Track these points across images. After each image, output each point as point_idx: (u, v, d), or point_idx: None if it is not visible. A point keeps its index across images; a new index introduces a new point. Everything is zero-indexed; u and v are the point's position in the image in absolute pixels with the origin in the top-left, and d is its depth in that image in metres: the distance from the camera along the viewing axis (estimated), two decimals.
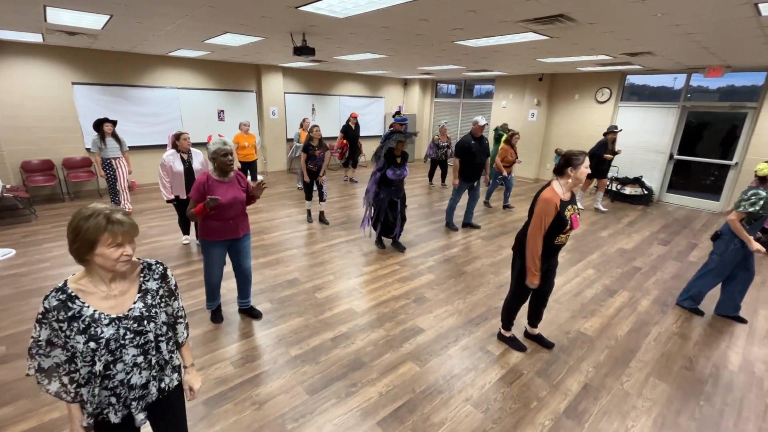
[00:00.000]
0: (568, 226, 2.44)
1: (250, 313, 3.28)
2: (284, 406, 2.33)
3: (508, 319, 2.94)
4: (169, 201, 4.26)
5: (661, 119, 7.51)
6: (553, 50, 5.26)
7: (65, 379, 1.20)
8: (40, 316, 1.15)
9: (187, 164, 4.20)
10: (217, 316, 3.19)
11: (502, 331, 3.02)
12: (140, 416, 1.29)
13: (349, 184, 8.47)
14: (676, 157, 7.49)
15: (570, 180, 2.43)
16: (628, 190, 7.52)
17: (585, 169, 2.39)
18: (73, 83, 6.64)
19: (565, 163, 2.42)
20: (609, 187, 7.70)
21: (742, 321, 3.41)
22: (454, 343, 2.99)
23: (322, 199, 5.66)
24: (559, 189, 2.46)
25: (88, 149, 6.77)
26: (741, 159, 6.69)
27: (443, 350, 2.91)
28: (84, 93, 6.77)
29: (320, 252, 4.69)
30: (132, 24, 4.36)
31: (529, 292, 2.76)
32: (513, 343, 2.96)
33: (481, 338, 3.07)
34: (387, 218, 4.66)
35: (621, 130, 6.70)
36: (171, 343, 1.39)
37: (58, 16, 4.01)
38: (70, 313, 1.15)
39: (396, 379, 2.58)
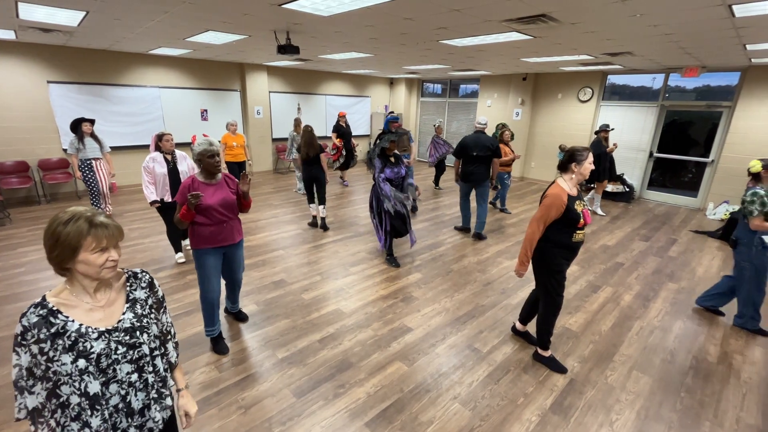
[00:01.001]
0: (582, 221, 2.42)
1: (236, 316, 3.22)
2: (271, 410, 2.29)
3: (547, 336, 2.73)
4: (152, 202, 4.10)
5: (641, 118, 7.69)
6: (536, 50, 5.33)
7: (52, 423, 1.06)
8: (19, 338, 1.02)
9: (171, 165, 4.08)
10: (219, 344, 2.81)
11: (540, 351, 2.79)
12: None
13: (340, 185, 8.39)
14: (655, 155, 7.68)
15: (574, 175, 2.43)
16: (610, 188, 7.67)
17: (589, 165, 2.39)
18: (49, 82, 6.43)
19: (569, 158, 2.42)
20: (592, 186, 7.77)
21: (720, 314, 3.49)
22: (441, 342, 3.00)
23: (322, 202, 5.40)
24: (565, 185, 2.45)
25: (65, 150, 6.56)
26: (717, 156, 6.90)
27: (431, 349, 2.91)
28: (60, 92, 6.56)
29: (307, 252, 4.65)
30: (109, 21, 4.24)
31: (561, 298, 2.63)
32: (552, 365, 2.73)
33: (468, 336, 3.09)
34: (394, 225, 4.33)
35: (613, 129, 6.68)
36: (165, 360, 1.28)
37: (32, 13, 3.87)
38: (53, 329, 1.03)
39: (384, 379, 2.57)
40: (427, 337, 3.05)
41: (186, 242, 4.58)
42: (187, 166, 4.11)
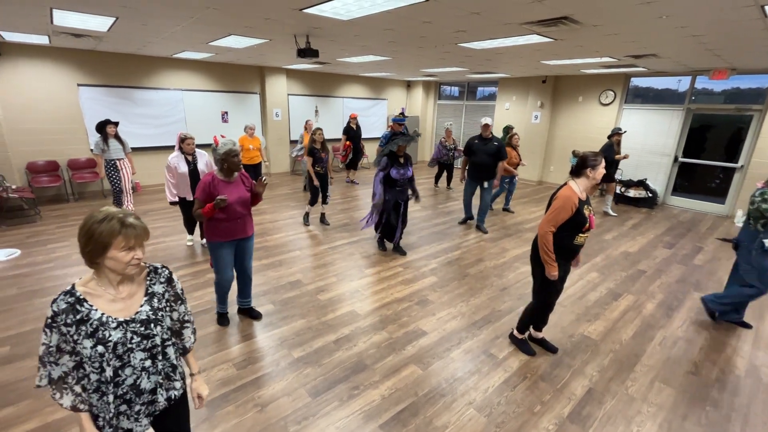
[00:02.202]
0: (587, 225, 2.45)
1: (249, 313, 3.28)
2: (287, 409, 2.32)
3: (526, 324, 2.94)
4: (172, 203, 4.27)
5: (666, 121, 7.47)
6: (557, 52, 5.25)
7: (77, 388, 1.20)
8: (49, 321, 1.14)
9: (192, 165, 4.22)
10: (224, 319, 3.18)
11: (515, 332, 3.00)
12: (144, 421, 1.28)
13: (350, 185, 8.47)
14: (680, 159, 7.44)
15: (588, 180, 2.46)
16: (632, 193, 7.48)
17: (602, 169, 2.43)
18: (79, 85, 6.69)
19: (582, 164, 2.45)
20: (603, 189, 7.61)
21: (747, 326, 3.37)
22: (457, 346, 2.98)
23: (324, 201, 5.69)
24: (576, 188, 2.48)
25: (92, 150, 6.80)
26: (746, 161, 6.64)
27: (446, 353, 2.90)
28: (89, 94, 6.82)
29: (323, 254, 4.69)
30: (137, 26, 4.39)
31: (554, 299, 2.77)
32: (523, 346, 2.95)
33: (484, 341, 3.06)
34: (389, 220, 4.65)
35: (625, 132, 6.60)
36: (177, 349, 1.40)
37: (65, 18, 4.04)
38: (78, 317, 1.15)
39: (398, 382, 2.57)
40: (442, 341, 3.04)
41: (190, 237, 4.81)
42: (204, 163, 4.28)
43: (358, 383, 2.55)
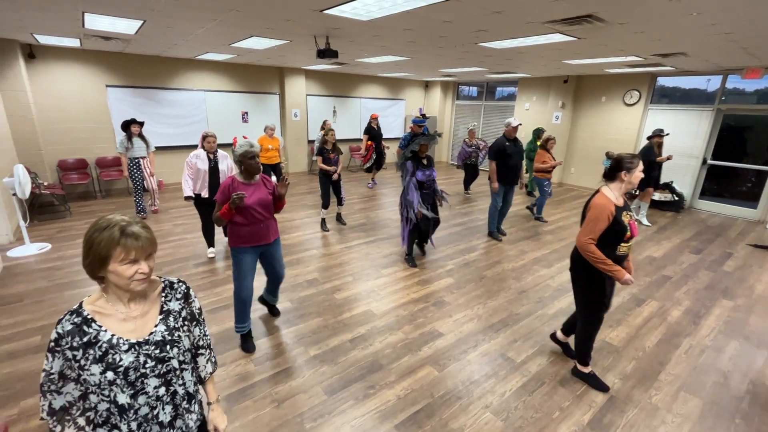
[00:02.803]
0: (629, 233, 2.25)
1: (270, 309, 3.32)
2: (303, 406, 2.34)
3: (586, 352, 2.59)
4: (187, 198, 4.19)
5: (694, 122, 7.21)
6: (580, 51, 5.13)
7: (81, 421, 1.06)
8: (52, 344, 1.02)
9: (213, 163, 4.28)
10: (248, 342, 2.88)
11: (579, 366, 2.66)
12: None
13: (371, 187, 8.45)
14: (709, 162, 7.17)
15: (623, 185, 2.29)
16: (657, 196, 7.24)
17: (640, 173, 2.24)
18: (107, 86, 6.93)
19: (616, 166, 2.28)
20: (635, 192, 7.37)
21: None
22: (473, 349, 2.95)
23: (339, 203, 5.71)
24: (611, 194, 2.30)
25: (117, 149, 7.03)
26: None
27: (462, 355, 2.87)
28: (117, 95, 7.06)
29: (339, 253, 4.71)
30: (163, 28, 4.52)
31: (602, 314, 2.48)
32: (592, 382, 2.58)
33: (501, 344, 3.01)
34: (418, 225, 4.40)
35: (668, 134, 6.19)
36: (195, 374, 1.24)
37: (96, 22, 4.19)
38: (85, 339, 1.02)
39: (414, 383, 2.56)
40: (458, 343, 3.01)
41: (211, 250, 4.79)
42: (227, 165, 4.30)
43: (374, 383, 2.55)
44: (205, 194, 4.21)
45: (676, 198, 7.13)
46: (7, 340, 2.89)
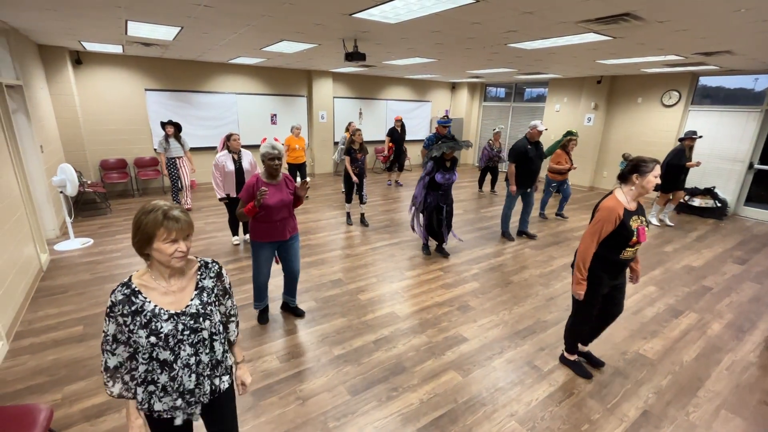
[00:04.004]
0: (635, 238, 2.23)
1: (294, 312, 3.38)
2: (326, 404, 2.37)
3: (572, 342, 2.72)
4: (221, 199, 4.47)
5: (740, 124, 6.79)
6: (616, 51, 4.95)
7: (127, 378, 1.26)
8: (108, 310, 1.21)
9: (238, 164, 4.42)
10: (263, 316, 3.24)
11: (566, 354, 2.79)
12: (189, 410, 1.31)
13: (392, 187, 8.49)
14: (756, 166, 6.74)
15: (634, 188, 2.24)
16: (697, 202, 6.87)
17: (653, 178, 2.18)
18: (146, 89, 7.28)
19: (631, 168, 2.23)
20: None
21: None
22: (498, 355, 2.89)
23: (362, 201, 5.77)
24: (622, 198, 2.27)
25: (155, 149, 7.38)
26: None
27: (487, 361, 2.82)
28: (155, 98, 7.40)
29: (364, 254, 4.74)
30: (199, 34, 4.70)
31: (593, 313, 2.52)
32: (576, 368, 2.73)
33: (528, 352, 2.94)
34: (431, 223, 4.62)
35: (701, 137, 5.92)
36: (224, 343, 1.42)
37: (137, 29, 4.41)
38: (133, 308, 1.20)
39: (438, 387, 2.54)
40: (483, 349, 2.96)
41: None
42: (248, 162, 4.47)
43: (397, 385, 2.55)
44: (233, 194, 4.48)
45: (719, 204, 6.73)
46: (53, 328, 3.09)
